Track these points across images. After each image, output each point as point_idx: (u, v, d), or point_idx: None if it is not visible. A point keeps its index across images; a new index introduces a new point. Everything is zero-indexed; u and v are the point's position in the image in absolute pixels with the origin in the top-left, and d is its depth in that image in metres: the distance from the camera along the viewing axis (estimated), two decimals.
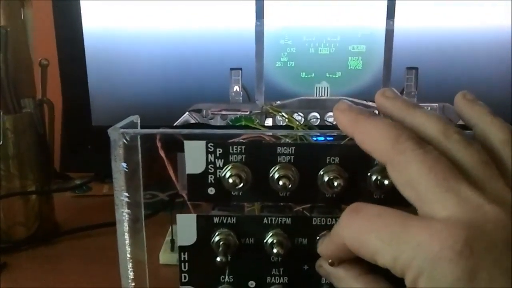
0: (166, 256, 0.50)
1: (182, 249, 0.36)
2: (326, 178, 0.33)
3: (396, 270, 0.27)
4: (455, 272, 0.24)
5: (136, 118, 0.39)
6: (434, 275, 0.25)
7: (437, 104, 0.56)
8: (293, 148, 0.34)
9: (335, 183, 0.33)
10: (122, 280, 0.38)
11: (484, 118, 0.31)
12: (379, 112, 0.34)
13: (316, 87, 0.58)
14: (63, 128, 0.62)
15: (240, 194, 0.34)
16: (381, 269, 0.28)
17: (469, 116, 0.32)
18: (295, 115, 0.56)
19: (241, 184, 0.34)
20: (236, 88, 0.57)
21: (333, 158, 0.33)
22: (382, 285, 0.30)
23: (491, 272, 0.24)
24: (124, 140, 0.35)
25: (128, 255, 0.38)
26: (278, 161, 0.34)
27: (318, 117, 0.58)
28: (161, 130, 0.36)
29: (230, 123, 0.59)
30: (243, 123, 0.58)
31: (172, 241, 0.51)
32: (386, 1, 0.55)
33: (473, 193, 0.26)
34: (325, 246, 0.32)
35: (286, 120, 0.46)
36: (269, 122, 0.58)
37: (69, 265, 0.53)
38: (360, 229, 0.28)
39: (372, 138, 0.30)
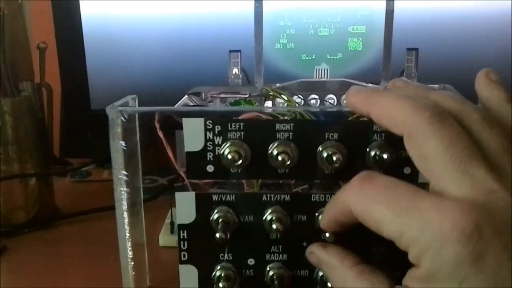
0: (166, 238, 0.50)
1: (182, 227, 0.35)
2: (325, 154, 0.33)
3: (400, 243, 0.26)
4: (462, 254, 0.24)
5: (133, 98, 0.39)
6: (440, 255, 0.24)
7: (437, 86, 0.56)
8: (292, 124, 0.33)
9: (334, 159, 0.33)
10: (122, 261, 0.38)
11: (503, 104, 0.30)
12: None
13: (316, 69, 0.57)
14: (62, 112, 0.62)
15: (239, 171, 0.34)
16: (374, 261, 0.28)
17: (486, 97, 0.31)
18: (295, 97, 0.56)
19: (240, 161, 0.33)
20: (235, 70, 0.57)
21: (332, 134, 0.33)
22: (376, 275, 0.29)
23: (499, 256, 0.24)
24: (122, 118, 0.35)
25: (127, 235, 0.38)
26: (277, 137, 0.34)
27: (318, 99, 0.58)
28: (159, 108, 0.36)
29: (230, 106, 0.59)
30: (242, 106, 0.58)
31: (172, 224, 0.51)
32: None
33: (489, 177, 0.25)
34: (326, 212, 0.32)
35: (286, 102, 0.46)
36: (268, 104, 0.58)
37: (69, 248, 0.53)
38: (370, 197, 0.27)
39: (388, 111, 0.29)
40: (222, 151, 0.34)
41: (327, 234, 0.32)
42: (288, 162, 0.33)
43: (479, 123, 0.28)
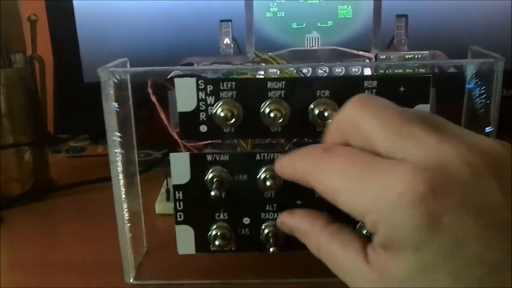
0: (162, 206, 0.51)
1: (177, 187, 0.36)
2: (316, 111, 0.34)
3: (356, 213, 0.25)
4: (416, 217, 0.23)
5: (125, 60, 0.39)
6: (394, 220, 0.23)
7: (427, 52, 0.56)
8: (283, 82, 0.34)
9: (326, 115, 0.33)
10: (119, 225, 0.39)
11: None
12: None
13: (307, 38, 0.58)
14: (55, 85, 0.62)
15: (232, 130, 0.35)
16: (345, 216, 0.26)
17: None
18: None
19: (233, 120, 0.34)
20: (227, 40, 0.57)
21: (323, 91, 0.34)
22: (347, 235, 0.28)
23: (457, 213, 0.23)
24: (114, 79, 0.35)
25: (123, 197, 0.38)
26: (269, 96, 0.34)
27: (309, 68, 0.58)
28: (151, 68, 0.36)
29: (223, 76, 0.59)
30: (235, 75, 0.58)
31: (168, 191, 0.51)
32: None
33: (430, 135, 0.24)
34: (284, 175, 0.31)
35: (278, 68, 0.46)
36: (261, 74, 0.58)
37: (65, 218, 0.53)
38: (326, 165, 0.27)
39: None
40: (214, 111, 0.34)
41: None
42: (281, 120, 0.34)
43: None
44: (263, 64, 0.53)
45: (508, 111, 0.40)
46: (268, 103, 0.34)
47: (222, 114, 0.33)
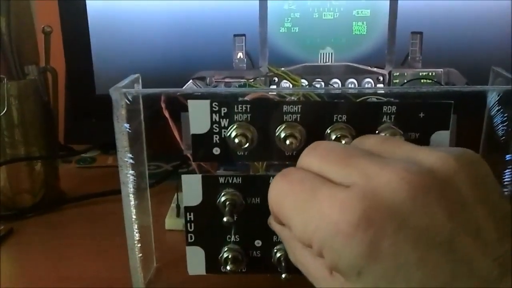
0: (172, 222, 0.50)
1: (188, 209, 0.36)
2: (333, 137, 0.33)
3: (304, 239, 0.26)
4: (354, 246, 0.23)
5: (137, 77, 0.38)
6: (335, 248, 0.24)
7: (441, 70, 0.56)
8: (299, 106, 0.33)
9: (343, 142, 0.33)
10: (128, 242, 0.39)
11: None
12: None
13: (321, 53, 0.57)
14: (66, 97, 0.62)
15: (246, 153, 0.34)
16: None
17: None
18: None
19: (247, 144, 0.33)
20: (240, 54, 0.57)
21: (340, 116, 0.33)
22: None
23: (395, 238, 0.23)
24: (126, 100, 0.35)
25: (134, 217, 0.38)
26: (284, 119, 0.34)
27: (323, 83, 0.58)
28: (164, 90, 0.36)
29: (235, 94, 0.59)
30: (247, 88, 0.58)
31: (178, 207, 0.51)
32: None
33: (371, 163, 0.25)
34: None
35: (292, 83, 0.46)
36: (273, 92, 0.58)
37: (75, 230, 0.53)
38: (281, 192, 0.28)
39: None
40: (228, 134, 0.34)
41: None
42: (296, 145, 0.33)
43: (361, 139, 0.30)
44: (276, 79, 0.53)
45: None
46: (283, 127, 0.33)
47: (236, 140, 0.33)
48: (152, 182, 0.44)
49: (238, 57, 0.57)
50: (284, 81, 0.50)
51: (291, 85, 0.46)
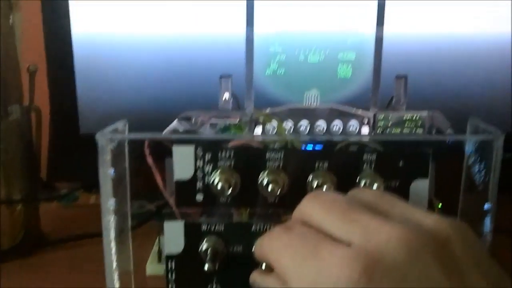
0: (153, 267, 0.49)
1: (170, 258, 0.35)
2: (315, 183, 0.33)
3: None
4: None
5: (123, 123, 0.38)
6: None
7: (426, 113, 0.56)
8: (282, 153, 0.33)
9: (324, 188, 0.33)
10: None
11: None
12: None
13: (306, 95, 0.57)
14: (50, 135, 0.61)
15: (229, 200, 0.34)
16: None
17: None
18: (285, 123, 0.56)
19: (230, 190, 0.33)
20: (226, 95, 0.57)
21: (322, 163, 0.33)
22: None
23: None
24: (112, 146, 0.35)
25: (115, 264, 0.37)
26: (267, 166, 0.34)
27: (308, 125, 0.58)
28: (149, 134, 0.36)
29: (220, 131, 0.59)
30: (232, 131, 0.58)
31: (160, 252, 0.50)
32: (376, 8, 0.55)
33: (372, 220, 0.26)
34: (255, 251, 0.32)
35: (276, 128, 0.46)
36: (258, 130, 0.58)
37: (55, 275, 0.52)
38: (281, 243, 0.28)
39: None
40: (212, 180, 0.34)
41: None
42: (278, 192, 0.33)
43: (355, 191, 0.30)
44: (261, 123, 0.53)
45: None
46: (266, 173, 0.34)
47: (219, 186, 0.33)
48: (134, 224, 0.43)
49: (224, 98, 0.57)
50: (269, 123, 0.50)
51: (275, 126, 0.46)
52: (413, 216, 0.27)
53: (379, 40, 0.54)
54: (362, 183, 0.33)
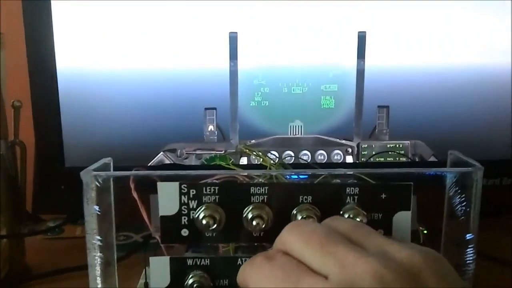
0: None
1: None
2: (299, 217, 0.34)
3: None
4: None
5: (108, 160, 0.39)
6: None
7: (408, 142, 0.58)
8: (266, 188, 0.34)
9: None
10: None
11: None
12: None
13: (290, 126, 0.58)
14: (35, 169, 0.61)
15: (214, 235, 0.34)
16: None
17: None
18: (269, 154, 0.57)
19: (215, 225, 0.34)
20: (211, 127, 0.58)
21: (306, 196, 0.34)
22: None
23: None
24: (97, 183, 0.35)
25: None
26: (252, 201, 0.34)
27: (292, 155, 0.59)
28: (133, 172, 0.36)
29: (205, 163, 0.59)
30: (217, 162, 0.58)
31: (146, 284, 0.50)
32: (357, 42, 0.56)
33: (348, 253, 0.27)
34: (237, 278, 0.32)
35: (260, 159, 0.47)
36: (244, 161, 0.59)
37: None
38: (263, 275, 0.29)
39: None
40: (197, 215, 0.34)
41: None
42: (263, 226, 0.34)
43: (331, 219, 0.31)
44: (245, 154, 0.54)
45: None
46: (250, 208, 0.34)
47: (204, 222, 0.33)
48: (120, 256, 0.43)
49: (209, 129, 0.58)
50: (253, 156, 0.51)
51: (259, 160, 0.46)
52: (388, 248, 0.27)
53: (360, 73, 0.56)
54: (346, 216, 0.34)
